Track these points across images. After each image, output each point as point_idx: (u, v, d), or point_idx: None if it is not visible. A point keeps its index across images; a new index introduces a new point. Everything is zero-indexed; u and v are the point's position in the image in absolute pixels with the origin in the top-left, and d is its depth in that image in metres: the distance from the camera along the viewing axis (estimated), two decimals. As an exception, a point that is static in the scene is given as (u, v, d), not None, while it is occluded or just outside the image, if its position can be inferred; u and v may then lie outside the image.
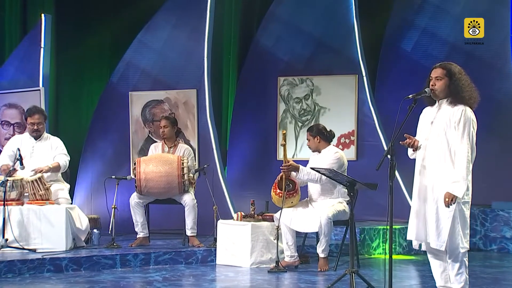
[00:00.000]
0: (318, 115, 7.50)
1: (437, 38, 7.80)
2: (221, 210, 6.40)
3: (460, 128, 3.87)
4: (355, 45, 7.36)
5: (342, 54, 7.42)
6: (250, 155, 7.72)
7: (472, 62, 7.37)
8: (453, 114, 3.92)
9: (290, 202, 5.45)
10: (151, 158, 6.01)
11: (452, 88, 3.94)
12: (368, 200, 6.75)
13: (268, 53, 7.70)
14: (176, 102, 7.28)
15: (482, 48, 7.46)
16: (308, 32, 7.60)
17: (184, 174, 5.91)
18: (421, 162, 4.03)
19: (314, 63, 7.54)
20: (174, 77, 7.31)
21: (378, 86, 8.03)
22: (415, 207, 4.02)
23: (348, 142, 7.37)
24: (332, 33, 7.49)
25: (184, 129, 7.18)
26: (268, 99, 7.68)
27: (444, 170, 3.92)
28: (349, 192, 4.27)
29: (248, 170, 7.69)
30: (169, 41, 7.35)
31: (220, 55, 8.39)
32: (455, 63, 4.08)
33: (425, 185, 3.98)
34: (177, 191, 5.97)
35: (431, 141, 3.99)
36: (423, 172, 4.00)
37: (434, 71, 4.02)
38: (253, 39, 7.85)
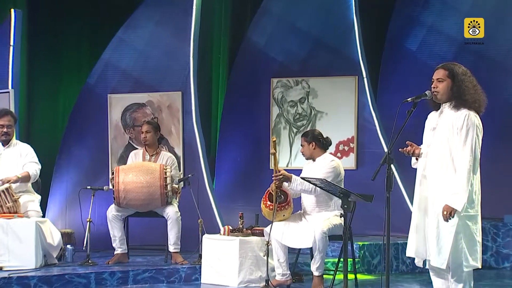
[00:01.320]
0: (314, 120, 7.51)
1: (444, 36, 7.82)
2: (208, 224, 6.40)
3: (462, 134, 3.87)
4: (355, 43, 7.38)
5: (341, 54, 7.44)
6: (241, 164, 7.72)
7: (482, 63, 7.39)
8: (456, 119, 3.93)
9: (282, 215, 5.43)
10: (130, 167, 6.01)
11: (455, 91, 3.95)
12: (368, 213, 6.74)
13: (260, 53, 7.72)
14: (160, 105, 7.27)
15: (493, 48, 7.49)
16: (304, 29, 7.61)
17: (166, 184, 5.91)
18: (421, 171, 4.04)
19: (310, 64, 7.55)
20: (157, 78, 7.31)
21: (380, 89, 8.04)
22: (415, 220, 4.02)
23: (347, 149, 7.37)
24: (330, 31, 7.51)
25: (168, 135, 7.18)
26: (260, 103, 7.69)
27: (445, 180, 3.92)
28: (343, 204, 4.26)
29: (238, 180, 7.68)
30: (151, 39, 7.35)
31: (209, 54, 8.40)
32: (460, 64, 4.09)
33: (425, 196, 3.99)
34: (159, 203, 5.96)
35: (433, 149, 4.00)
36: (424, 183, 4.01)
37: (436, 73, 4.04)
38: (243, 37, 7.85)
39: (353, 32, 7.39)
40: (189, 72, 7.16)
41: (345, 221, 4.34)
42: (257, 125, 7.72)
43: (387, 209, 3.75)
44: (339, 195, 4.31)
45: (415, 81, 7.55)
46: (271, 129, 7.62)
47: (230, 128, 7.83)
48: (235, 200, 7.56)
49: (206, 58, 8.33)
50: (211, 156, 7.85)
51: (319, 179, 4.68)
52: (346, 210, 4.19)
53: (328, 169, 5.45)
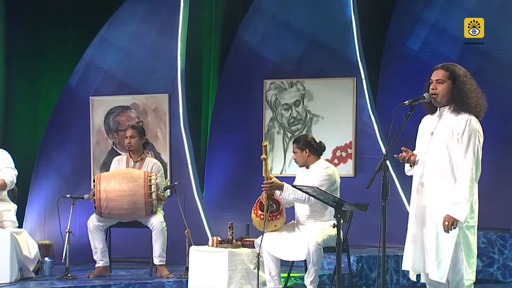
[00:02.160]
0: (310, 124, 7.52)
1: (448, 35, 7.82)
2: (197, 235, 6.39)
3: (464, 140, 3.89)
4: (353, 43, 7.39)
5: (338, 54, 7.44)
6: (232, 171, 7.72)
7: (489, 64, 7.40)
8: (457, 124, 3.94)
9: (274, 225, 5.44)
10: (113, 174, 6.01)
11: (456, 93, 3.96)
12: (366, 223, 6.71)
13: (253, 52, 7.72)
14: (145, 108, 7.27)
15: (501, 48, 7.49)
16: (298, 27, 7.62)
17: (151, 192, 5.92)
18: (418, 179, 4.05)
19: (305, 64, 7.56)
20: (142, 80, 7.31)
21: (380, 91, 8.05)
22: (412, 232, 4.04)
23: (344, 155, 7.38)
24: (327, 29, 7.52)
25: (154, 140, 7.18)
26: (253, 106, 7.69)
27: (444, 189, 3.93)
28: (336, 214, 4.27)
29: (229, 187, 7.68)
30: (136, 37, 7.35)
31: (198, 54, 8.40)
32: (460, 65, 4.10)
33: (423, 206, 4.00)
34: (143, 213, 5.96)
35: (431, 156, 4.01)
36: (421, 191, 4.01)
37: (435, 73, 4.05)
38: (234, 36, 7.87)
39: (351, 31, 7.39)
40: (176, 73, 7.16)
41: (339, 232, 4.35)
42: (249, 129, 7.72)
43: (383, 219, 3.75)
44: (332, 204, 4.32)
45: (417, 83, 7.49)
46: (264, 134, 7.62)
47: (221, 133, 7.83)
48: (225, 209, 7.56)
49: (196, 58, 8.33)
50: (200, 163, 7.84)
51: (310, 187, 4.70)
52: (342, 220, 4.20)
53: (323, 177, 5.45)
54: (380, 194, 5.56)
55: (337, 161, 7.36)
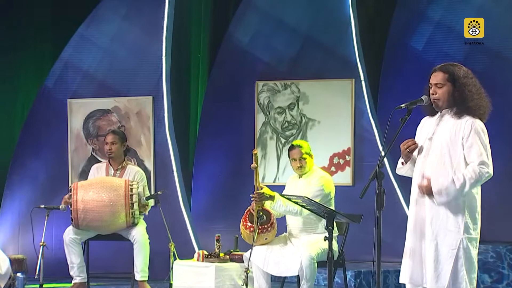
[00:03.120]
0: (305, 129, 7.52)
1: (455, 34, 7.83)
2: (182, 248, 6.39)
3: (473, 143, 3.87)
4: (352, 41, 7.39)
5: (336, 53, 7.45)
6: (221, 179, 7.71)
7: (498, 64, 7.41)
8: (460, 127, 3.94)
9: (264, 238, 5.43)
10: (91, 183, 6.00)
11: (457, 96, 3.96)
12: (365, 236, 6.69)
13: (244, 52, 7.73)
14: (127, 112, 7.28)
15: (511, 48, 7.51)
16: (293, 25, 7.63)
17: (133, 203, 5.92)
18: (417, 188, 4.02)
19: (300, 65, 7.56)
20: (124, 81, 7.32)
21: (382, 93, 8.05)
22: (410, 244, 4.03)
23: (342, 163, 7.38)
24: (323, 27, 7.53)
25: (137, 146, 7.18)
26: (244, 109, 7.70)
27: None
28: (327, 225, 4.28)
29: (218, 197, 7.68)
30: (118, 35, 7.36)
31: (186, 54, 8.41)
32: (460, 64, 4.11)
33: (422, 217, 4.00)
34: (124, 225, 5.96)
35: (431, 161, 4.00)
36: (420, 202, 4.01)
37: (434, 76, 4.05)
38: (224, 34, 7.87)
39: (349, 28, 7.40)
40: (161, 74, 7.17)
41: (330, 245, 4.35)
42: (240, 134, 7.72)
43: (377, 231, 3.75)
44: (323, 215, 4.33)
45: (420, 84, 7.49)
46: (255, 140, 7.62)
47: (209, 139, 7.82)
48: (214, 220, 7.54)
49: (183, 58, 8.33)
50: (187, 171, 7.84)
51: (300, 197, 4.69)
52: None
53: (317, 187, 5.45)
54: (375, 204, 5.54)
55: (334, 168, 7.36)
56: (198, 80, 8.52)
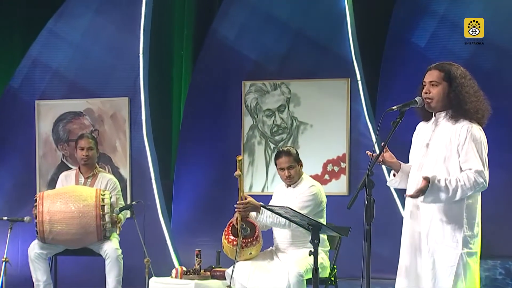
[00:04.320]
0: (296, 133, 7.52)
1: (460, 29, 7.82)
2: (162, 264, 6.40)
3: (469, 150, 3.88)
4: (347, 38, 7.41)
5: (329, 51, 7.46)
6: (204, 188, 7.71)
7: (508, 63, 7.42)
8: (456, 133, 3.94)
9: (248, 253, 5.41)
10: (58, 193, 5.99)
11: (453, 97, 3.96)
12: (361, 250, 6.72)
13: (229, 49, 7.73)
14: (101, 115, 7.28)
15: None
16: (283, 20, 7.64)
17: (104, 214, 5.89)
18: (412, 201, 4.03)
19: (291, 63, 7.57)
20: (98, 81, 7.33)
21: (380, 94, 8.04)
22: (404, 261, 4.03)
23: (337, 170, 7.38)
24: (316, 22, 7.54)
25: (112, 152, 7.18)
26: (229, 112, 7.70)
27: (443, 211, 3.93)
28: (313, 239, 4.27)
29: (202, 208, 7.67)
30: (90, 31, 7.38)
31: (168, 51, 8.41)
32: (457, 64, 4.12)
33: (418, 232, 4.01)
34: (94, 238, 5.94)
35: (426, 171, 4.00)
36: (415, 215, 4.02)
37: (429, 74, 4.05)
38: (208, 30, 7.87)
39: (344, 24, 7.42)
40: (138, 73, 7.18)
41: (315, 261, 4.33)
42: (225, 139, 7.72)
43: (366, 245, 3.74)
44: (308, 227, 4.32)
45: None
46: (242, 145, 7.62)
47: (192, 144, 7.81)
48: (197, 234, 7.54)
49: (164, 56, 8.33)
50: (168, 179, 7.82)
51: (282, 207, 4.68)
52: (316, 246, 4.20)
53: (307, 197, 5.43)
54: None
55: (328, 177, 7.35)
56: (181, 80, 8.51)
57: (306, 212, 5.24)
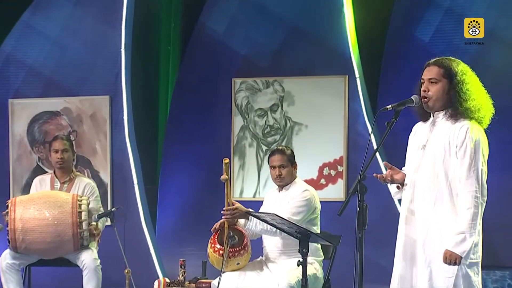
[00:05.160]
0: (290, 134, 7.52)
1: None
2: (145, 275, 6.38)
3: (464, 154, 3.88)
4: (345, 33, 7.40)
5: (326, 46, 7.46)
6: (192, 194, 7.71)
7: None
8: (454, 134, 3.94)
9: (236, 263, 5.40)
10: (32, 198, 5.98)
11: (453, 96, 3.96)
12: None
13: (218, 44, 7.73)
14: (80, 114, 7.28)
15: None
16: (276, 13, 7.64)
17: (82, 221, 5.89)
18: (407, 205, 4.04)
19: (284, 59, 7.57)
20: (76, 78, 7.33)
21: (382, 92, 8.04)
22: (399, 270, 4.02)
23: (334, 174, 7.37)
24: (311, 15, 7.54)
25: (91, 155, 7.18)
26: (218, 111, 7.70)
27: (440, 217, 3.92)
28: (301, 248, 4.27)
29: (189, 215, 7.67)
30: (69, 25, 7.37)
31: (154, 45, 8.40)
32: (459, 59, 4.11)
33: (413, 239, 3.99)
34: (71, 247, 5.94)
35: (423, 175, 4.00)
36: (411, 221, 4.01)
37: (427, 71, 4.06)
38: (196, 23, 7.86)
39: (342, 16, 7.41)
40: (120, 69, 7.17)
41: (304, 272, 4.33)
42: (214, 141, 7.72)
43: (359, 254, 3.74)
44: (296, 235, 4.31)
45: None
46: (232, 147, 7.62)
47: (178, 146, 7.81)
48: (183, 242, 7.54)
49: (149, 51, 8.32)
50: (151, 183, 7.82)
51: (268, 214, 4.67)
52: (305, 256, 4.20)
53: (300, 202, 5.42)
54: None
55: (324, 181, 7.35)
56: (168, 77, 8.50)
57: (298, 219, 5.24)
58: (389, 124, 3.95)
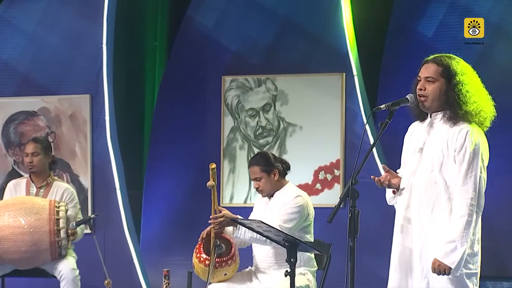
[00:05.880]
0: (284, 135, 7.53)
1: (473, 16, 7.84)
2: (127, 286, 6.36)
3: (463, 160, 3.88)
4: (342, 27, 7.41)
5: (322, 42, 7.48)
6: (179, 200, 7.72)
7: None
8: (453, 137, 3.94)
9: (223, 274, 5.40)
10: (6, 204, 5.99)
11: (451, 97, 3.95)
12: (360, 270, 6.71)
13: (207, 39, 7.75)
14: (58, 114, 7.29)
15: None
16: (269, 7, 7.65)
17: (60, 229, 5.89)
18: (403, 213, 4.04)
19: (278, 56, 7.59)
20: (55, 76, 7.34)
21: (382, 91, 8.05)
22: (394, 282, 4.03)
23: (330, 178, 7.38)
24: (306, 9, 7.56)
25: (71, 158, 7.20)
26: (207, 111, 7.72)
27: (438, 225, 3.93)
28: (289, 257, 4.27)
29: (175, 222, 7.69)
30: (46, 19, 7.38)
31: (139, 41, 8.40)
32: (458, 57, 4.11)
33: (409, 248, 4.00)
34: (48, 257, 5.94)
35: (420, 180, 4.00)
36: (407, 229, 4.01)
37: (425, 68, 4.06)
38: (183, 17, 7.87)
39: (338, 10, 7.42)
40: (101, 66, 7.16)
41: (292, 283, 4.33)
42: (203, 143, 7.73)
43: (350, 263, 3.74)
44: (284, 243, 4.31)
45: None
46: (222, 150, 7.63)
47: (164, 149, 7.83)
48: (169, 251, 7.55)
49: (135, 47, 8.32)
50: (136, 188, 7.83)
51: (254, 221, 4.68)
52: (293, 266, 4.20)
53: (292, 209, 5.41)
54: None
55: (320, 186, 7.36)
56: (154, 75, 8.51)
57: (290, 226, 5.25)
58: (383, 125, 3.94)
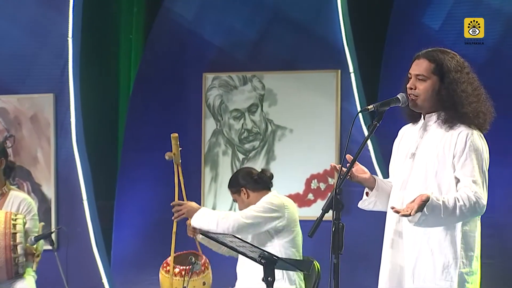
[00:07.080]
0: (272, 139, 7.54)
1: (483, 8, 7.87)
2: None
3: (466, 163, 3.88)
4: (337, 19, 7.44)
5: (314, 35, 7.50)
6: (154, 211, 7.71)
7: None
8: (451, 142, 3.94)
9: (201, 283, 5.53)
10: (-44, 217, 5.97)
11: (445, 96, 3.95)
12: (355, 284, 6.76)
13: (187, 33, 7.77)
14: (18, 116, 7.33)
15: None
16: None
17: (16, 244, 5.87)
18: (394, 226, 4.03)
19: (265, 51, 7.61)
20: (14, 73, 7.39)
21: (383, 89, 8.05)
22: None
23: (324, 187, 7.41)
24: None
25: (32, 165, 7.21)
26: (186, 112, 7.74)
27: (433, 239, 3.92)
28: (266, 276, 4.27)
29: (150, 236, 7.69)
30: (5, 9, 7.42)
31: (111, 34, 8.41)
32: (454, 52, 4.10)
33: (400, 265, 3.99)
34: (4, 276, 5.93)
35: (412, 189, 3.99)
36: (398, 244, 4.00)
37: (416, 65, 4.07)
38: (159, 9, 7.88)
39: (333, 1, 7.42)
40: (66, 62, 7.18)
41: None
42: (182, 148, 7.67)
43: (334, 281, 3.74)
44: (259, 260, 4.31)
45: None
46: (203, 155, 7.66)
47: (137, 155, 7.85)
48: (143, 268, 7.53)
49: (107, 40, 8.32)
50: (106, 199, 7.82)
51: (228, 235, 4.71)
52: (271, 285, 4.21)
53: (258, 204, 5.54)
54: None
55: (312, 196, 7.38)
56: (129, 72, 8.51)
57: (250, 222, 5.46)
58: (371, 127, 3.94)
